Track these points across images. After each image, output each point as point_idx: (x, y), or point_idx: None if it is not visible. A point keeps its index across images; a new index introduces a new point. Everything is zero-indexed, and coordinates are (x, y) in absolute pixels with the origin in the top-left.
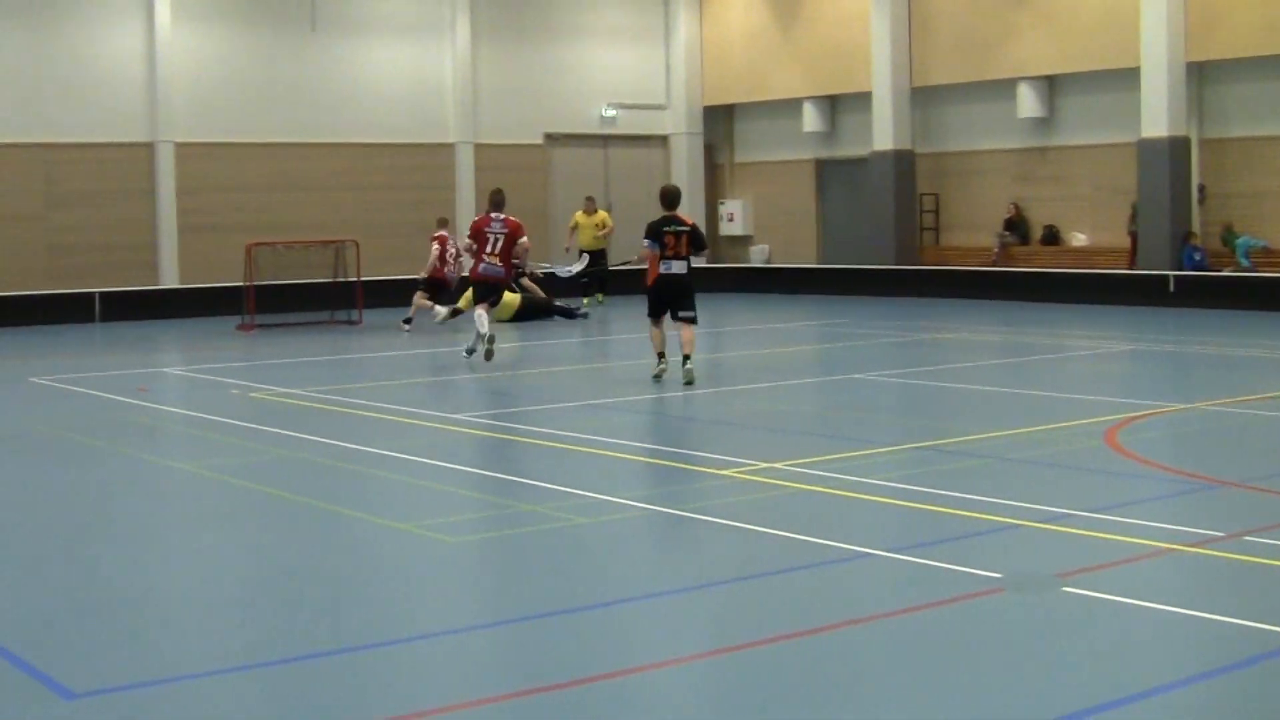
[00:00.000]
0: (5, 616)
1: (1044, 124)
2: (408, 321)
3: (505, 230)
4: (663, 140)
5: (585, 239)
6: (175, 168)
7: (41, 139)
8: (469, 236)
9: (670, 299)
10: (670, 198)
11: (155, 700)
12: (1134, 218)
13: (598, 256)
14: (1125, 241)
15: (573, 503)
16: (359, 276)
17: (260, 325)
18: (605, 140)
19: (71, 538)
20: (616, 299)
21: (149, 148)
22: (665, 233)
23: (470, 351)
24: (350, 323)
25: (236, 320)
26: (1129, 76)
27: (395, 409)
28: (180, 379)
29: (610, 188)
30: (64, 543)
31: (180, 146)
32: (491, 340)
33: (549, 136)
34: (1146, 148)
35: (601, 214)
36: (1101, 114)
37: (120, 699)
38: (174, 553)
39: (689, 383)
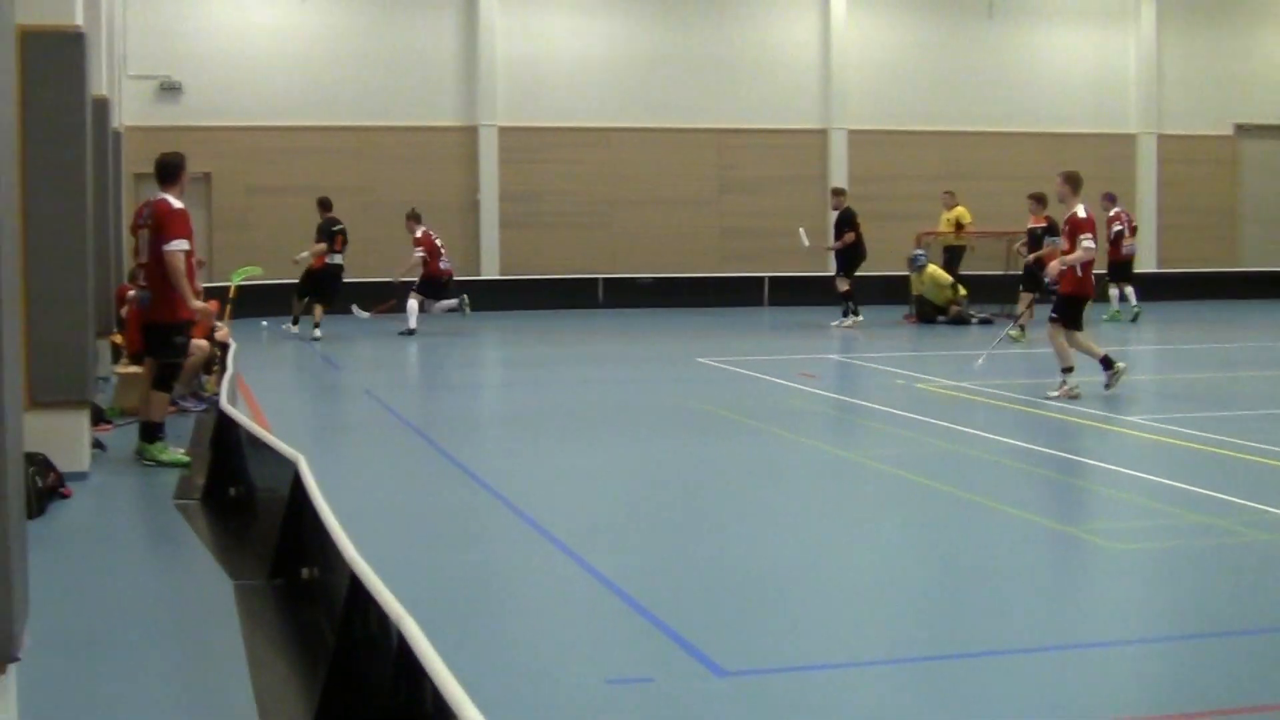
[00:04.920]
0: (660, 590)
1: None
2: None
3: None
4: None
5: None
6: (848, 155)
7: (717, 125)
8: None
9: None
10: None
11: (804, 685)
12: None
13: (956, 253)
14: None
15: (1252, 517)
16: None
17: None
18: None
19: (727, 516)
20: None
21: (822, 134)
22: None
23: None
24: (1008, 316)
25: (902, 310)
26: None
27: (1059, 407)
28: (844, 366)
29: None
30: (719, 520)
31: (853, 134)
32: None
33: (1239, 127)
34: None
35: (959, 209)
36: None
37: (771, 680)
38: (828, 539)
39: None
